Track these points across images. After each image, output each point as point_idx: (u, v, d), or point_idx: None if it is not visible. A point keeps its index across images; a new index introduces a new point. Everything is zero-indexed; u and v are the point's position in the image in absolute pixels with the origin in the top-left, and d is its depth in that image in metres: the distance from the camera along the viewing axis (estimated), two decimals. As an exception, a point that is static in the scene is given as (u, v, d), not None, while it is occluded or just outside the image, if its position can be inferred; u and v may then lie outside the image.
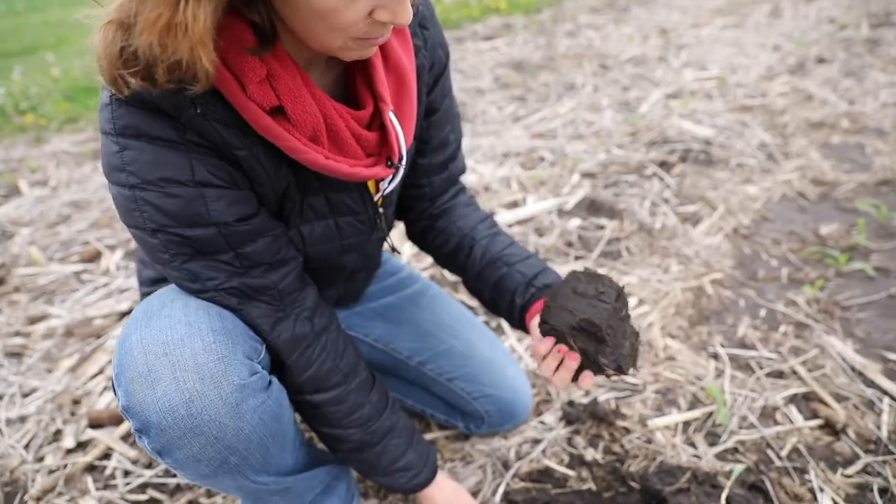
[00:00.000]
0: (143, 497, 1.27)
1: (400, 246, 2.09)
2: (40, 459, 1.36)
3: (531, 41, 4.75)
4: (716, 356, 1.54)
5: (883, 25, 4.32)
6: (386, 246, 1.10)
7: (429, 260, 2.01)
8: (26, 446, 1.39)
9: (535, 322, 0.99)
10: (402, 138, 0.85)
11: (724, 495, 1.15)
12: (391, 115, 0.83)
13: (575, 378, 0.96)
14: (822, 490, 1.17)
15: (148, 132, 0.70)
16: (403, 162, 0.87)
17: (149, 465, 1.34)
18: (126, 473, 1.33)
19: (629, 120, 3.02)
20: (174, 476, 1.33)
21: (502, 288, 1.07)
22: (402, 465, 1.08)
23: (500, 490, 1.25)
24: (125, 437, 1.41)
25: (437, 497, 1.14)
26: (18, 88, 4.08)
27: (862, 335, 1.57)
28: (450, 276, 1.91)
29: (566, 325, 0.91)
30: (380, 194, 0.94)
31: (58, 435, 1.42)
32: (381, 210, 0.98)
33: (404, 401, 1.37)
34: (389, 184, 0.91)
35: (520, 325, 1.08)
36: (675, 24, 4.92)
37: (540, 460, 1.31)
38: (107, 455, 1.37)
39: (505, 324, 1.71)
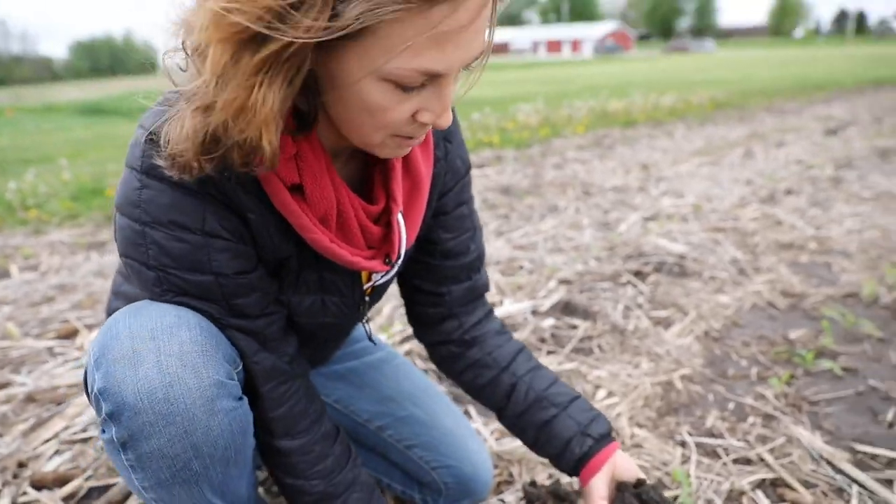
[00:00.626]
0: (74, 558, 1.20)
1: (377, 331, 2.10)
2: (-28, 517, 1.29)
3: (520, 171, 5.03)
4: (683, 444, 1.52)
5: (845, 167, 4.63)
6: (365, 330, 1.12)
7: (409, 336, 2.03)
8: (-40, 505, 1.33)
9: (596, 488, 1.02)
10: (404, 239, 0.91)
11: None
12: (399, 217, 0.90)
13: None
14: (788, 572, 1.12)
15: (171, 177, 0.74)
16: (400, 260, 0.93)
17: (86, 526, 1.28)
18: (61, 534, 1.26)
19: (608, 237, 3.15)
20: (111, 539, 1.26)
21: (553, 433, 1.07)
22: None
23: (453, 565, 1.18)
24: (67, 499, 1.35)
25: (390, 559, 1.09)
26: (28, 187, 4.26)
27: (830, 428, 1.56)
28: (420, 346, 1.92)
29: None
30: (370, 284, 1.00)
31: (-4, 495, 1.36)
32: (366, 299, 1.04)
33: (360, 468, 1.33)
34: (381, 277, 0.97)
35: (572, 471, 1.08)
36: (657, 161, 5.25)
37: (497, 538, 1.25)
38: (44, 514, 1.31)
39: (471, 408, 1.69)
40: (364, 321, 1.11)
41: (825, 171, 4.56)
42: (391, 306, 2.33)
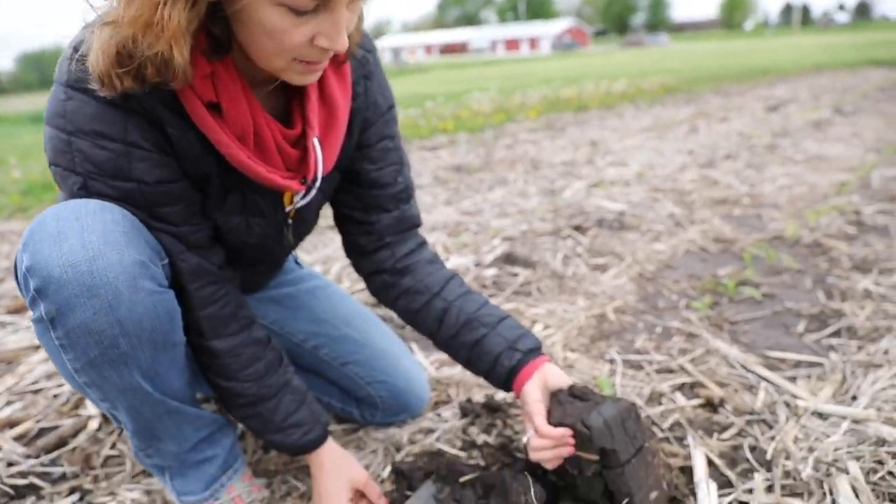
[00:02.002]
0: (23, 482, 1.24)
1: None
2: (-80, 455, 1.32)
3: (472, 151, 5.13)
4: (611, 361, 1.62)
5: (781, 136, 4.83)
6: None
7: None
8: None
9: (530, 393, 1.06)
10: (320, 161, 0.97)
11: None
12: (315, 140, 0.97)
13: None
14: (695, 448, 1.21)
15: (94, 90, 0.80)
16: (317, 183, 0.99)
17: (36, 456, 1.32)
18: (10, 465, 1.29)
19: (552, 202, 3.26)
20: (60, 465, 1.30)
21: (483, 351, 1.12)
22: (294, 420, 1.10)
23: (390, 468, 1.25)
24: (18, 438, 1.38)
25: (326, 462, 1.14)
26: (-24, 184, 4.21)
27: (747, 341, 1.68)
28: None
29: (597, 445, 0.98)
30: (291, 206, 1.06)
31: (-56, 438, 1.39)
32: (290, 221, 1.10)
33: (301, 389, 1.39)
34: (302, 199, 1.04)
35: (504, 385, 1.13)
36: (605, 139, 5.40)
37: (433, 445, 1.32)
38: (-8, 448, 1.34)
39: (414, 344, 1.77)
40: (293, 251, 1.18)
41: (763, 140, 4.76)
42: (340, 265, 2.40)
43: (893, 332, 1.64)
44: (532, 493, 0.99)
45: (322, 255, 2.60)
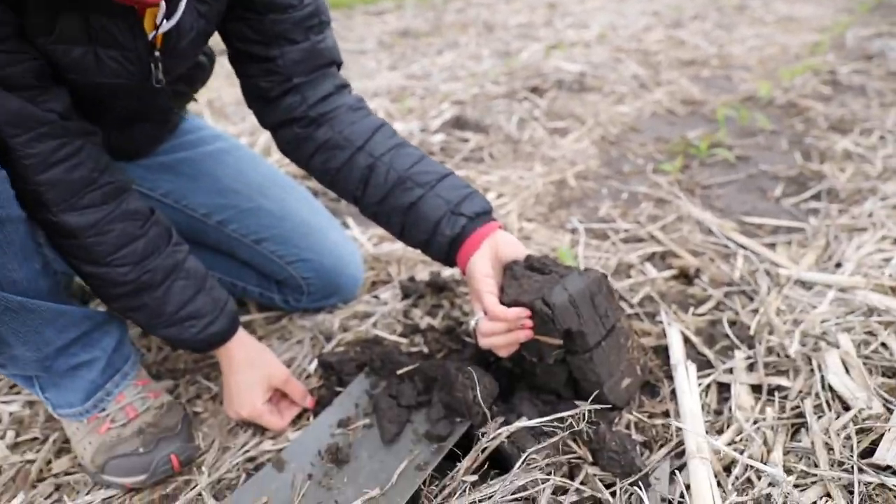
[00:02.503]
0: None
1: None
2: None
3: (420, 15, 4.67)
4: (573, 231, 1.43)
5: (751, -6, 4.53)
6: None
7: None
8: None
9: (478, 266, 0.84)
10: None
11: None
12: None
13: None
14: (670, 325, 1.05)
15: None
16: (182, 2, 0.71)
17: None
18: None
19: (507, 64, 2.95)
20: None
21: (419, 216, 0.88)
22: (191, 310, 0.88)
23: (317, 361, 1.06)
24: None
25: (237, 355, 0.94)
26: None
27: (721, 206, 1.51)
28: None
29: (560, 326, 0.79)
30: (155, 32, 0.76)
31: None
32: (157, 54, 0.80)
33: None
34: (162, 20, 0.74)
35: (446, 258, 0.90)
36: (564, 1, 4.97)
37: (369, 332, 1.13)
38: None
39: (349, 219, 1.54)
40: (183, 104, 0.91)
41: (731, 0, 4.44)
42: (266, 136, 2.10)
43: (878, 193, 1.50)
44: (479, 388, 0.81)
45: (250, 124, 2.28)
